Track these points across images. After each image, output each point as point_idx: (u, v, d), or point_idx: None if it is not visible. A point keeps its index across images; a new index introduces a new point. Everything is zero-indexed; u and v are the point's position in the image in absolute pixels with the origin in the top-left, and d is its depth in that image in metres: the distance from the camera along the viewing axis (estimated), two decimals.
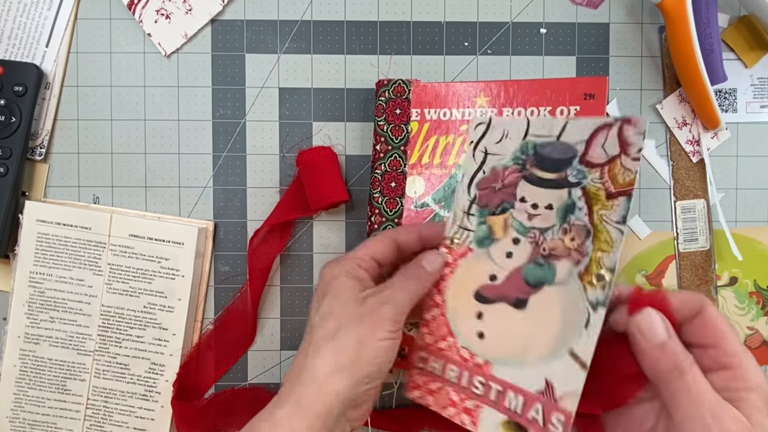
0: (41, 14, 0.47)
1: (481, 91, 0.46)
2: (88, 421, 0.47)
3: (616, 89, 0.48)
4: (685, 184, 0.48)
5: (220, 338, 0.48)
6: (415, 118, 0.46)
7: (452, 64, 0.48)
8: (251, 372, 0.49)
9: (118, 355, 0.47)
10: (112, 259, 0.47)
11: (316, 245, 0.49)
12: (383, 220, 0.46)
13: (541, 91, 0.45)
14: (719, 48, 0.46)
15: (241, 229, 0.48)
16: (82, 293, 0.47)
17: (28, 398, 0.47)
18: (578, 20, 0.48)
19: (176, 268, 0.47)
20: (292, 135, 0.48)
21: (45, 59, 0.48)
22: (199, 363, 0.48)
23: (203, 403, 0.48)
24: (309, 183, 0.46)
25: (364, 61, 0.48)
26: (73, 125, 0.48)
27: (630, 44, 0.48)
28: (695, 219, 0.48)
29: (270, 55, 0.48)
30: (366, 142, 0.48)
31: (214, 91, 0.48)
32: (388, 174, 0.46)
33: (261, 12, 0.48)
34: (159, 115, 0.48)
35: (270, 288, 0.49)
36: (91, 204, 0.48)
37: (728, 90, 0.48)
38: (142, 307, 0.47)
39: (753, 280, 0.48)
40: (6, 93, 0.46)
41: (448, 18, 0.48)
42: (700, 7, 0.44)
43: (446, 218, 0.39)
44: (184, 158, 0.48)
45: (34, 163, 0.48)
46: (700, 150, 0.48)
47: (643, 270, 0.48)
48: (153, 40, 0.48)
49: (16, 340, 0.47)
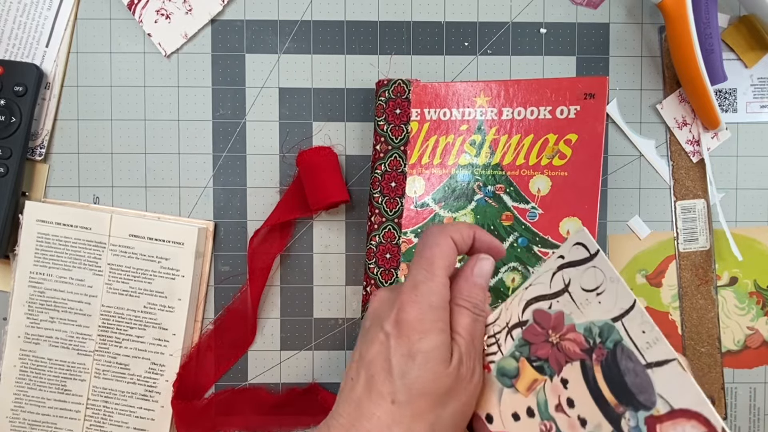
0: (41, 14, 0.47)
1: (481, 90, 0.46)
2: (88, 421, 0.47)
3: (616, 89, 0.48)
4: (685, 184, 0.48)
5: (220, 338, 0.48)
6: (415, 118, 0.46)
7: (452, 64, 0.48)
8: (251, 372, 0.49)
9: (118, 355, 0.47)
10: (112, 259, 0.47)
11: (316, 245, 0.49)
12: (383, 220, 0.46)
13: (541, 90, 0.45)
14: (719, 48, 0.46)
15: (241, 229, 0.48)
16: (82, 293, 0.47)
17: (28, 398, 0.47)
18: (578, 20, 0.48)
19: (176, 268, 0.47)
20: (292, 135, 0.48)
21: (45, 59, 0.48)
22: (199, 363, 0.48)
23: (203, 403, 0.48)
24: (309, 183, 0.46)
25: (364, 61, 0.48)
26: (73, 125, 0.48)
27: (630, 44, 0.48)
28: (695, 219, 0.48)
29: (270, 55, 0.48)
30: (366, 142, 0.48)
31: (214, 91, 0.48)
32: (388, 174, 0.46)
33: (261, 12, 0.48)
34: (159, 115, 0.48)
35: (270, 288, 0.49)
36: (91, 204, 0.48)
37: (728, 90, 0.48)
38: (142, 307, 0.47)
39: (753, 280, 0.48)
40: (6, 93, 0.46)
41: (448, 18, 0.48)
42: (700, 7, 0.44)
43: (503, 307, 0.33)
44: (184, 158, 0.48)
45: (34, 163, 0.48)
46: (700, 150, 0.48)
47: (643, 270, 0.48)
48: (153, 40, 0.48)
49: (16, 340, 0.47)
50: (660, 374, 0.25)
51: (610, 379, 0.27)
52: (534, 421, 0.30)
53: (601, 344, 0.28)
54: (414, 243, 0.46)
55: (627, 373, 0.27)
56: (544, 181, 0.45)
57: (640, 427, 0.26)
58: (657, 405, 0.25)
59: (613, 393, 0.27)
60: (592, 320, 0.28)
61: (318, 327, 0.49)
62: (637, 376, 0.26)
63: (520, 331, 0.32)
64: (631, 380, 0.26)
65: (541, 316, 0.31)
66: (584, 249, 0.29)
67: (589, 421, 0.28)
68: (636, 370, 0.26)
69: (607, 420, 0.27)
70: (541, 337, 0.31)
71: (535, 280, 0.31)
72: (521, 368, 0.31)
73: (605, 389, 0.28)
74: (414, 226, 0.46)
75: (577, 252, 0.29)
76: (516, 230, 0.45)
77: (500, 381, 0.32)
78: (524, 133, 0.45)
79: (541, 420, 0.30)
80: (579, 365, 0.29)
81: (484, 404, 0.32)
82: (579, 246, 0.29)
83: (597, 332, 0.28)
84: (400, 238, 0.46)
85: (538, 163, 0.45)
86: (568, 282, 0.30)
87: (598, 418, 0.28)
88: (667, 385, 0.25)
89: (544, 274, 0.31)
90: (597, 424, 0.28)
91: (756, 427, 0.49)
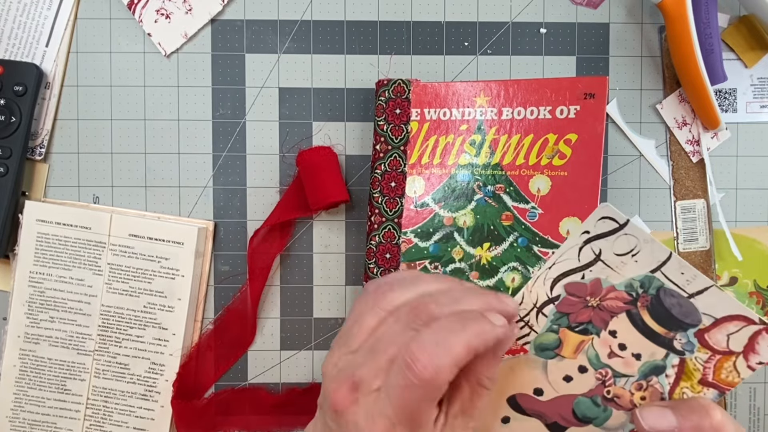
0: (41, 14, 0.47)
1: (481, 90, 0.46)
2: (88, 421, 0.47)
3: (616, 89, 0.48)
4: (685, 184, 0.48)
5: (220, 338, 0.48)
6: (414, 117, 0.46)
7: (452, 64, 0.48)
8: (251, 372, 0.49)
9: (118, 354, 0.47)
10: (112, 259, 0.47)
11: (316, 245, 0.49)
12: (383, 220, 0.46)
13: (541, 90, 0.45)
14: (719, 48, 0.46)
15: (241, 229, 0.48)
16: (82, 293, 0.47)
17: (28, 398, 0.47)
18: (578, 20, 0.48)
19: (176, 268, 0.47)
20: (292, 135, 0.48)
21: (45, 59, 0.48)
22: (199, 363, 0.48)
23: (203, 403, 0.48)
24: (309, 183, 0.46)
25: (364, 61, 0.48)
26: (73, 125, 0.48)
27: (630, 44, 0.48)
28: (695, 219, 0.48)
29: (270, 55, 0.48)
30: (366, 142, 0.48)
31: (214, 91, 0.48)
32: (387, 174, 0.46)
33: (261, 12, 0.48)
34: (159, 114, 0.48)
35: (270, 288, 0.49)
36: (91, 204, 0.48)
37: (728, 90, 0.48)
38: (142, 307, 0.47)
39: (753, 280, 0.48)
40: (6, 93, 0.46)
41: (448, 18, 0.48)
42: (700, 7, 0.44)
43: (523, 291, 0.33)
44: (184, 158, 0.48)
45: (34, 163, 0.48)
46: (700, 150, 0.48)
47: None
48: (153, 39, 0.48)
49: (16, 339, 0.47)
50: (702, 299, 0.29)
51: (657, 316, 0.30)
52: (588, 375, 0.32)
53: (644, 293, 0.30)
54: (414, 243, 0.46)
55: (673, 307, 0.30)
56: (544, 181, 0.45)
57: (691, 341, 0.30)
58: (702, 321, 0.29)
59: (662, 326, 0.30)
60: (631, 277, 0.30)
61: (318, 327, 0.49)
62: (682, 307, 0.29)
63: (553, 307, 0.32)
64: (677, 311, 0.30)
65: (575, 288, 0.32)
66: (612, 221, 0.30)
67: (643, 354, 0.31)
68: (680, 302, 0.29)
69: (660, 346, 0.30)
70: (579, 306, 0.32)
71: (558, 259, 0.32)
72: (563, 338, 0.32)
73: (654, 325, 0.30)
74: (414, 226, 0.46)
75: (604, 225, 0.30)
76: (516, 230, 0.45)
77: (542, 356, 0.33)
78: (524, 133, 0.45)
79: (596, 370, 0.32)
80: (625, 315, 0.31)
81: (529, 382, 0.33)
82: (605, 220, 0.30)
83: (638, 285, 0.30)
84: (400, 238, 0.46)
85: (538, 163, 0.45)
86: (599, 252, 0.31)
87: (652, 348, 0.31)
88: (709, 305, 0.29)
89: (569, 251, 0.31)
90: (651, 353, 0.30)
91: (756, 427, 0.49)
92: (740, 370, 0.29)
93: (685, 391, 0.30)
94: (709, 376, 0.30)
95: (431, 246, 0.45)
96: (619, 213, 0.30)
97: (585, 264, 0.31)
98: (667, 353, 0.31)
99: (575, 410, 0.33)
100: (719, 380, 0.30)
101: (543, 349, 0.33)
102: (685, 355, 0.30)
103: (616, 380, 0.32)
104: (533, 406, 0.33)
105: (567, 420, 0.33)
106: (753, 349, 0.29)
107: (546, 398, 0.33)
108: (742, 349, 0.29)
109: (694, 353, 0.30)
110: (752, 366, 0.29)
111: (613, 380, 0.32)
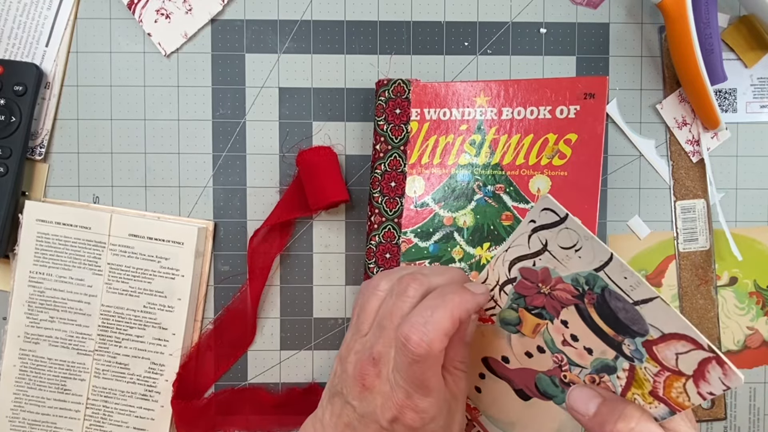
0: (41, 14, 0.47)
1: (481, 90, 0.46)
2: (87, 421, 0.47)
3: (616, 89, 0.48)
4: (685, 184, 0.48)
5: (220, 338, 0.48)
6: (414, 117, 0.46)
7: (452, 63, 0.48)
8: (251, 372, 0.49)
9: (118, 354, 0.47)
10: (111, 259, 0.47)
11: (316, 245, 0.49)
12: (383, 220, 0.46)
13: (540, 90, 0.45)
14: (719, 48, 0.46)
15: (241, 229, 0.48)
16: (82, 293, 0.47)
17: (28, 398, 0.47)
18: (578, 20, 0.48)
19: (176, 268, 0.47)
20: (292, 135, 0.48)
21: (45, 59, 0.48)
22: (199, 363, 0.48)
23: (203, 403, 0.48)
24: (309, 183, 0.46)
25: (364, 61, 0.48)
26: (73, 125, 0.48)
27: (630, 44, 0.48)
28: (695, 219, 0.48)
29: (270, 55, 0.48)
30: (366, 142, 0.48)
31: (214, 91, 0.48)
32: (387, 174, 0.46)
33: (261, 12, 0.48)
34: (159, 114, 0.48)
35: (270, 288, 0.49)
36: (91, 204, 0.48)
37: (728, 90, 0.48)
38: (142, 307, 0.47)
39: (753, 280, 0.48)
40: (6, 93, 0.46)
41: (448, 18, 0.48)
42: (700, 7, 0.44)
43: (488, 266, 0.35)
44: (184, 158, 0.48)
45: (34, 163, 0.48)
46: (700, 150, 0.48)
47: (643, 270, 0.48)
48: (153, 39, 0.48)
49: (16, 339, 0.47)
50: (647, 309, 0.28)
51: (604, 316, 0.30)
52: (546, 355, 0.33)
53: (589, 290, 0.30)
54: (413, 243, 0.46)
55: (618, 310, 0.29)
56: (543, 181, 0.45)
57: (639, 350, 0.29)
58: (650, 332, 0.28)
59: (609, 326, 0.30)
60: (577, 272, 0.30)
61: (318, 327, 0.49)
62: (627, 312, 0.29)
63: (512, 287, 0.33)
64: (623, 315, 0.29)
65: (528, 273, 0.32)
66: (553, 213, 0.30)
67: (594, 350, 0.31)
68: (626, 307, 0.29)
69: (610, 347, 0.30)
70: (533, 290, 0.32)
71: (512, 243, 0.32)
72: (522, 317, 0.34)
73: (602, 324, 0.30)
74: (414, 226, 0.46)
75: (547, 216, 0.30)
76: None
77: (505, 329, 0.35)
78: (524, 133, 0.45)
79: (552, 354, 0.33)
80: (574, 308, 0.31)
81: (497, 349, 0.35)
82: (547, 211, 0.30)
83: (583, 281, 0.30)
84: (400, 237, 0.46)
85: (538, 162, 0.45)
86: (545, 242, 0.31)
87: (602, 346, 0.30)
88: (655, 317, 0.28)
89: (521, 237, 0.32)
90: (602, 351, 0.30)
91: (756, 427, 0.49)
92: (690, 395, 0.27)
93: (636, 397, 0.29)
94: (659, 390, 0.28)
95: (431, 246, 0.45)
96: (559, 206, 0.29)
97: (534, 252, 0.32)
98: (617, 355, 0.30)
99: (537, 384, 0.34)
100: (669, 398, 0.28)
101: (506, 324, 0.35)
102: (634, 363, 0.29)
103: (571, 368, 0.32)
104: (502, 370, 0.35)
105: (531, 391, 0.34)
106: (703, 377, 0.26)
107: (512, 367, 0.35)
108: (692, 373, 0.27)
109: (644, 363, 0.29)
110: (703, 395, 0.27)
111: (568, 367, 0.32)
